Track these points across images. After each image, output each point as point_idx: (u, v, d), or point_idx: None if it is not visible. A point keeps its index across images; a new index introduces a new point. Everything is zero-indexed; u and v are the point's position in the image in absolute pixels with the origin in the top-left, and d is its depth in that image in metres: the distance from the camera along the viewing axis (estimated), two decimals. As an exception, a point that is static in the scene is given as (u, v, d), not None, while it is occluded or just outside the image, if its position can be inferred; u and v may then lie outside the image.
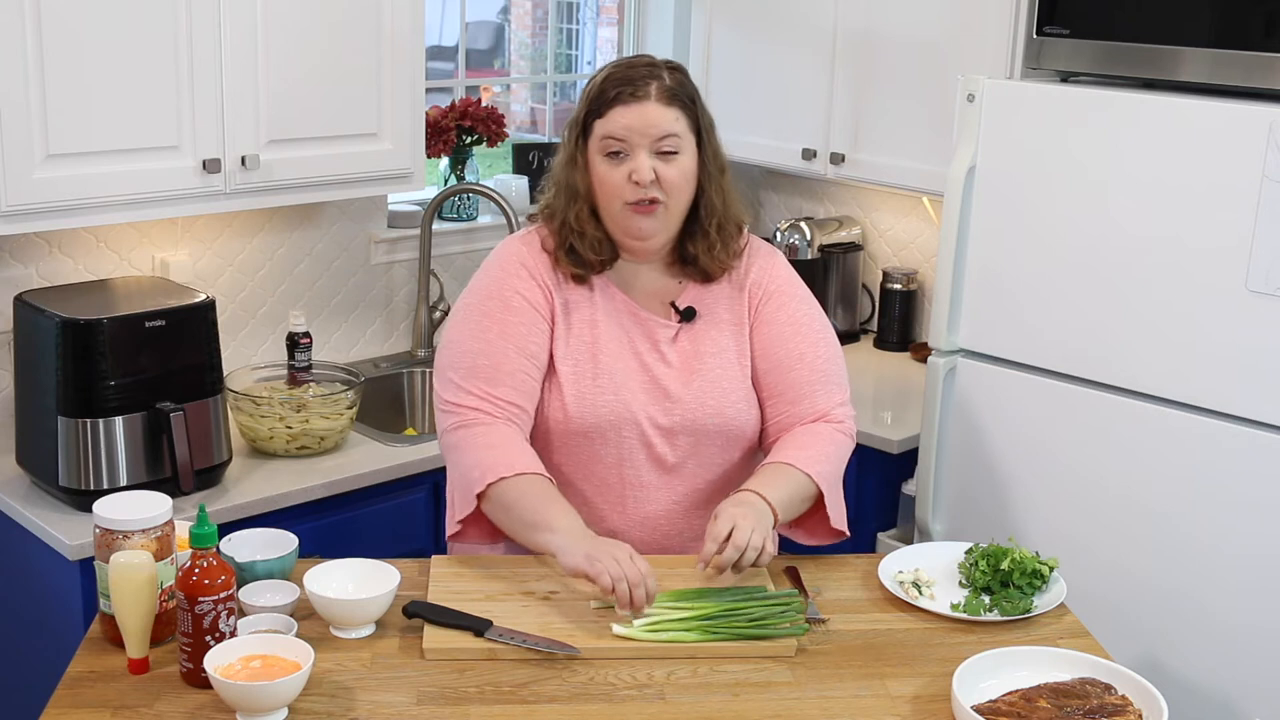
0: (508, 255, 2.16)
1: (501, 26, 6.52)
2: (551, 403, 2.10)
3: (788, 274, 2.23)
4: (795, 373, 2.16)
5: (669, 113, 2.06)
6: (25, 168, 2.46)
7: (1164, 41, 2.63)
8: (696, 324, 2.15)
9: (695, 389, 2.11)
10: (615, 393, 2.09)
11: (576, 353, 2.11)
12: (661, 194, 2.06)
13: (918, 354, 3.55)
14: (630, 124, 2.04)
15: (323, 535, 2.63)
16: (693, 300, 2.16)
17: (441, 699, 1.73)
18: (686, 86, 2.12)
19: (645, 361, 2.12)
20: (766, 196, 4.06)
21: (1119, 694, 1.75)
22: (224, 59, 2.68)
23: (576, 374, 2.09)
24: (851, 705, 1.75)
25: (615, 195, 2.06)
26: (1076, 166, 2.62)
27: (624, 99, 2.05)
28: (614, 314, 2.13)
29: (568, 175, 2.12)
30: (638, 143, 2.04)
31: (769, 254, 2.24)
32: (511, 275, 2.13)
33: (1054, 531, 2.69)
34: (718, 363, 2.14)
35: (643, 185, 2.04)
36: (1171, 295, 2.52)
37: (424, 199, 3.57)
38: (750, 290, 2.18)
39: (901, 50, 3.29)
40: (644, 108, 2.04)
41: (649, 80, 2.06)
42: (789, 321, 2.18)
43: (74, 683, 1.75)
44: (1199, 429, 2.51)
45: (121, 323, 2.49)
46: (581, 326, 2.12)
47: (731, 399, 2.12)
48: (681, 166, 2.07)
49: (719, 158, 2.14)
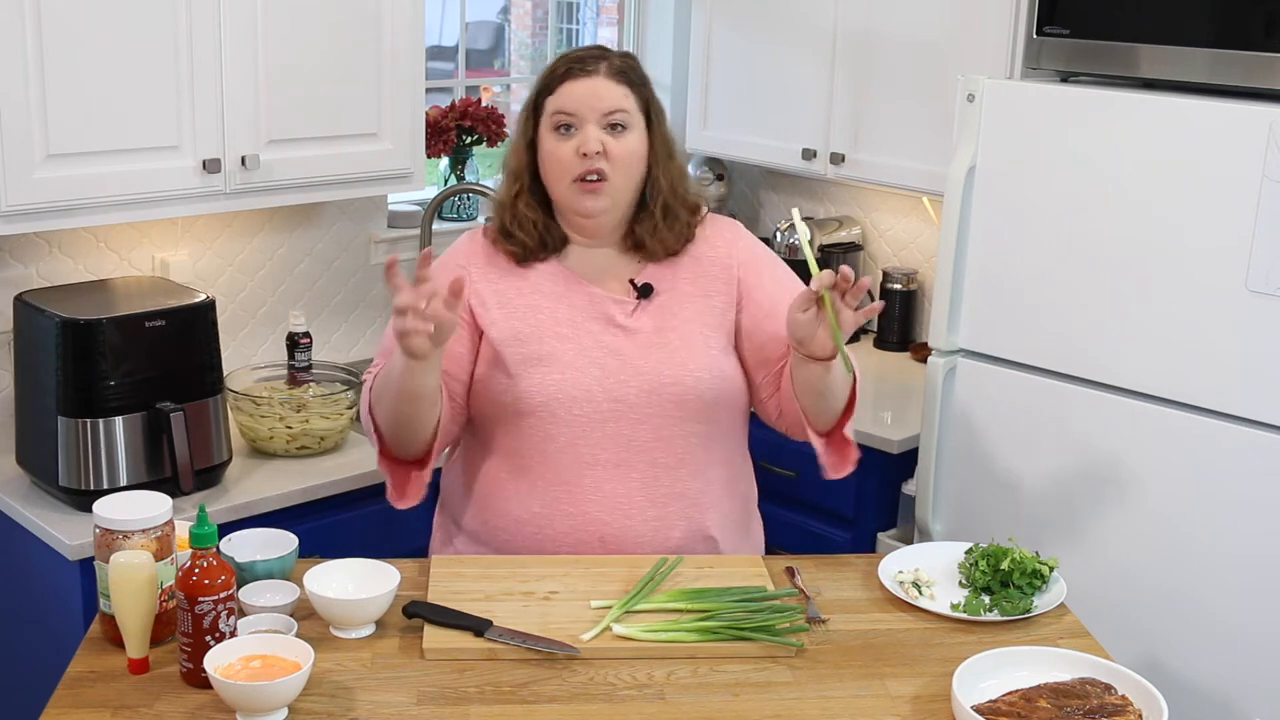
0: (453, 246, 2.24)
1: (501, 26, 6.53)
2: (498, 384, 2.10)
3: (750, 239, 2.27)
4: None
5: (618, 89, 2.10)
6: (25, 168, 2.46)
7: (1164, 41, 2.63)
8: (656, 300, 2.15)
9: (654, 360, 2.11)
10: (563, 371, 2.08)
11: (521, 334, 2.11)
12: (607, 166, 2.08)
13: (918, 354, 3.55)
14: (580, 96, 2.08)
15: (323, 535, 2.63)
16: (652, 278, 2.17)
17: (441, 699, 1.73)
18: (637, 70, 2.16)
19: (600, 338, 2.11)
20: (766, 196, 4.06)
21: (1119, 694, 1.75)
22: (224, 59, 2.68)
23: (521, 356, 2.10)
24: (851, 705, 1.75)
25: (564, 171, 2.09)
26: (1076, 167, 2.62)
27: (574, 74, 2.10)
28: (562, 295, 2.14)
29: (510, 158, 2.17)
30: (587, 116, 2.08)
31: (728, 224, 2.27)
32: (443, 266, 2.18)
33: (1054, 531, 2.69)
34: (678, 335, 2.13)
35: (589, 156, 2.07)
36: (1171, 295, 2.52)
37: (424, 199, 3.57)
38: (725, 264, 2.19)
39: (901, 50, 3.29)
40: (594, 81, 2.09)
41: (599, 60, 2.12)
42: (774, 281, 2.21)
43: (74, 683, 1.75)
44: (1199, 429, 2.51)
45: (121, 323, 2.50)
46: (524, 310, 2.12)
47: (690, 367, 2.11)
48: (629, 143, 2.10)
49: (668, 143, 2.18)
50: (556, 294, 2.14)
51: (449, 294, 1.86)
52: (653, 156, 2.15)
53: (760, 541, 2.31)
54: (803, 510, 3.16)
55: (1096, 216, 2.60)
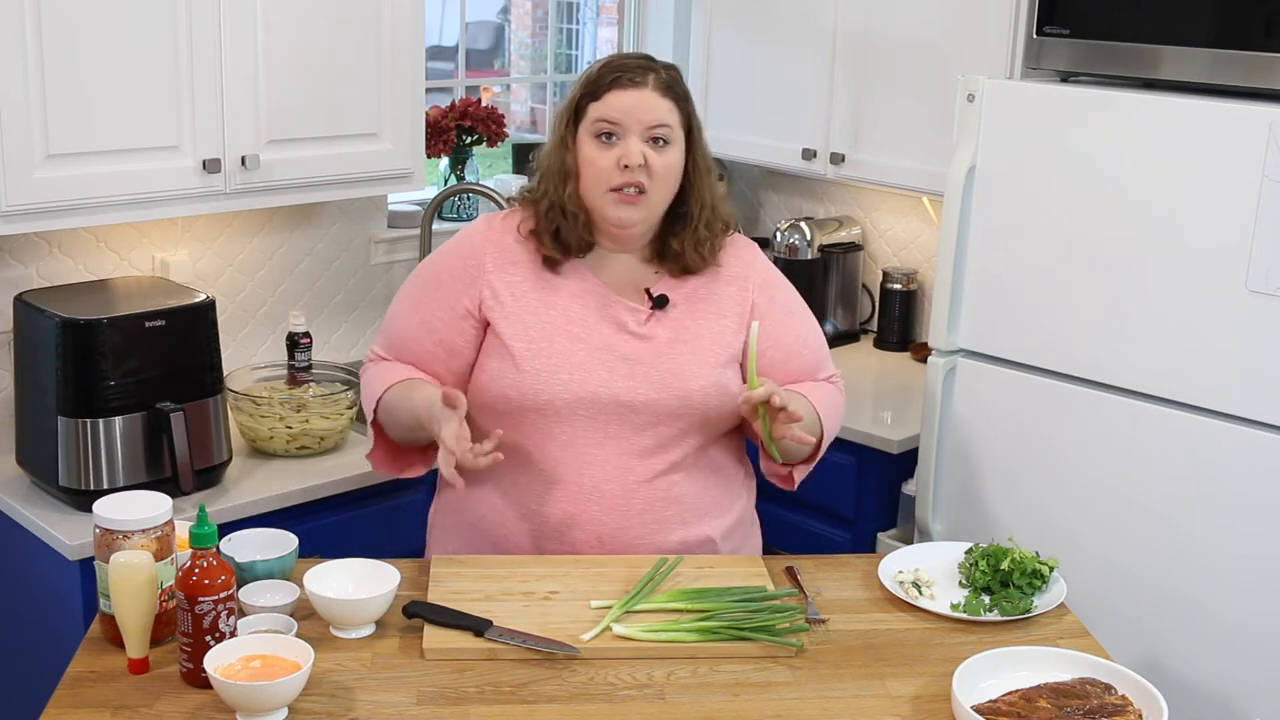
0: (464, 233, 2.22)
1: (501, 26, 6.53)
2: (504, 377, 2.10)
3: (765, 262, 2.28)
4: (803, 358, 2.24)
5: (664, 103, 2.09)
6: (25, 168, 2.46)
7: (1164, 41, 2.63)
8: (671, 311, 2.16)
9: (662, 370, 2.11)
10: (571, 371, 2.09)
11: (531, 330, 2.11)
12: (648, 180, 2.07)
13: (918, 354, 3.55)
14: (626, 106, 2.07)
15: (323, 535, 2.63)
16: (668, 289, 2.17)
17: (441, 699, 1.73)
18: (682, 84, 2.15)
19: (610, 342, 2.12)
20: (766, 196, 4.06)
21: (1119, 694, 1.76)
22: (224, 59, 2.68)
23: (532, 351, 2.10)
24: (851, 705, 1.75)
25: (602, 179, 2.08)
26: (1076, 167, 2.62)
27: (621, 84, 2.08)
28: (580, 295, 2.14)
29: (559, 158, 2.13)
30: (631, 127, 2.07)
31: (746, 244, 2.28)
32: (454, 254, 2.19)
33: (1054, 531, 2.69)
34: (688, 348, 2.14)
35: (631, 168, 2.06)
36: (1171, 295, 2.52)
37: (424, 199, 3.57)
38: (740, 284, 2.20)
39: (901, 50, 3.29)
40: (641, 93, 2.08)
41: (647, 71, 2.11)
42: (785, 310, 2.24)
43: (74, 683, 1.75)
44: (1199, 429, 2.51)
45: (121, 323, 2.49)
46: (538, 306, 2.13)
47: (698, 382, 2.12)
48: (669, 158, 2.10)
49: (708, 158, 2.18)
50: (572, 293, 2.14)
51: (445, 404, 1.96)
52: (696, 172, 2.14)
53: (758, 547, 2.31)
54: (803, 510, 3.16)
55: (1097, 216, 2.60)
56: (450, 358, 2.16)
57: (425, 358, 2.18)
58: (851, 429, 3.05)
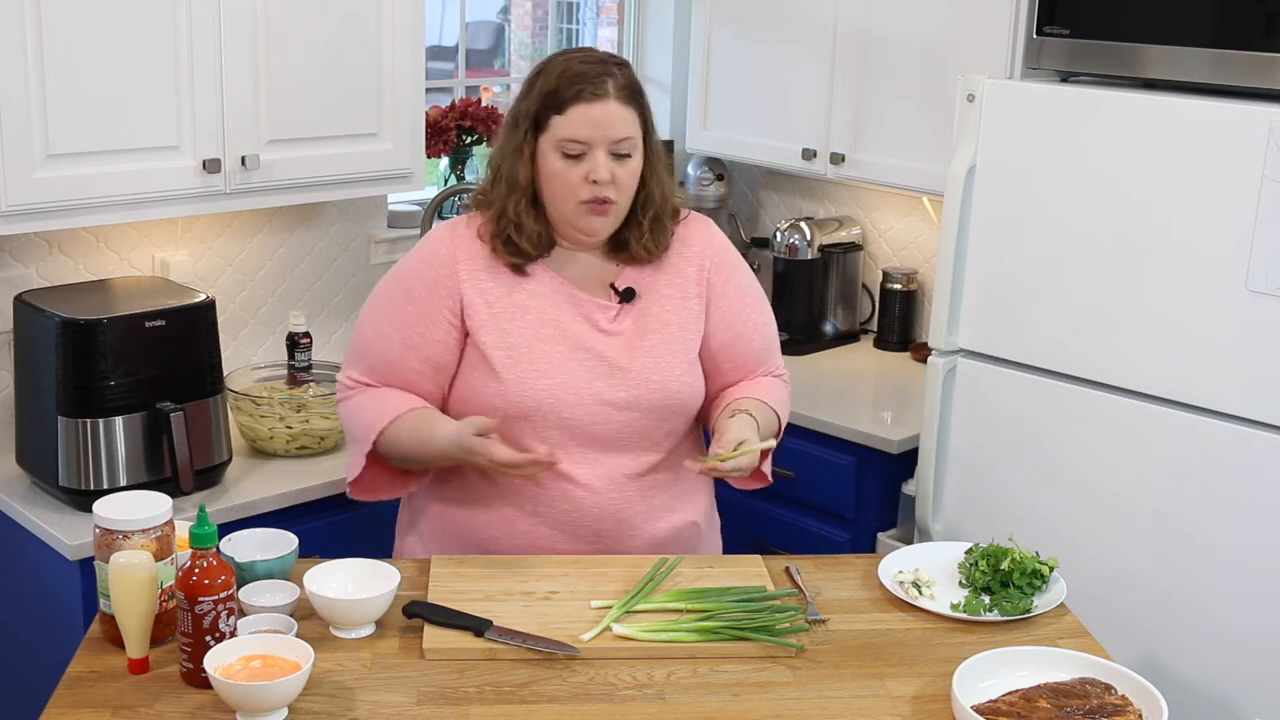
0: (430, 243, 2.19)
1: (501, 26, 6.52)
2: (486, 387, 2.11)
3: (723, 240, 2.29)
4: (753, 344, 2.25)
5: (627, 113, 2.09)
6: (25, 168, 2.46)
7: (1164, 41, 2.63)
8: (638, 303, 2.17)
9: (639, 364, 2.13)
10: (553, 376, 2.09)
11: (509, 337, 2.11)
12: (614, 193, 2.09)
13: (918, 354, 3.55)
14: (594, 121, 2.06)
15: (323, 535, 2.63)
16: (632, 280, 2.18)
17: (441, 699, 1.73)
18: (636, 83, 2.15)
19: (585, 342, 2.12)
20: (766, 196, 4.06)
21: (1119, 694, 1.76)
22: (224, 59, 2.68)
23: (512, 358, 2.10)
24: (851, 705, 1.75)
25: (570, 194, 2.09)
26: (1076, 166, 2.62)
27: (585, 97, 2.06)
28: (549, 297, 2.14)
29: (511, 166, 2.13)
30: (598, 143, 2.07)
31: (704, 224, 2.28)
32: (424, 264, 2.16)
33: (1054, 531, 2.68)
34: (661, 339, 2.16)
35: (600, 184, 2.07)
36: (1171, 295, 2.52)
37: (424, 199, 3.57)
38: (699, 263, 2.21)
39: (901, 50, 3.29)
40: (606, 106, 2.06)
41: (604, 77, 2.08)
42: (738, 291, 2.24)
43: (74, 683, 1.75)
44: (1199, 429, 2.51)
45: (121, 323, 2.50)
46: (512, 311, 2.13)
47: (676, 373, 2.15)
48: (632, 167, 2.11)
49: (659, 150, 2.18)
50: (542, 295, 2.14)
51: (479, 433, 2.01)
52: (647, 168, 2.15)
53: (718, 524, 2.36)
54: (803, 510, 3.16)
55: (1096, 216, 2.60)
56: (437, 373, 2.14)
57: (413, 377, 2.14)
58: (852, 429, 3.06)
